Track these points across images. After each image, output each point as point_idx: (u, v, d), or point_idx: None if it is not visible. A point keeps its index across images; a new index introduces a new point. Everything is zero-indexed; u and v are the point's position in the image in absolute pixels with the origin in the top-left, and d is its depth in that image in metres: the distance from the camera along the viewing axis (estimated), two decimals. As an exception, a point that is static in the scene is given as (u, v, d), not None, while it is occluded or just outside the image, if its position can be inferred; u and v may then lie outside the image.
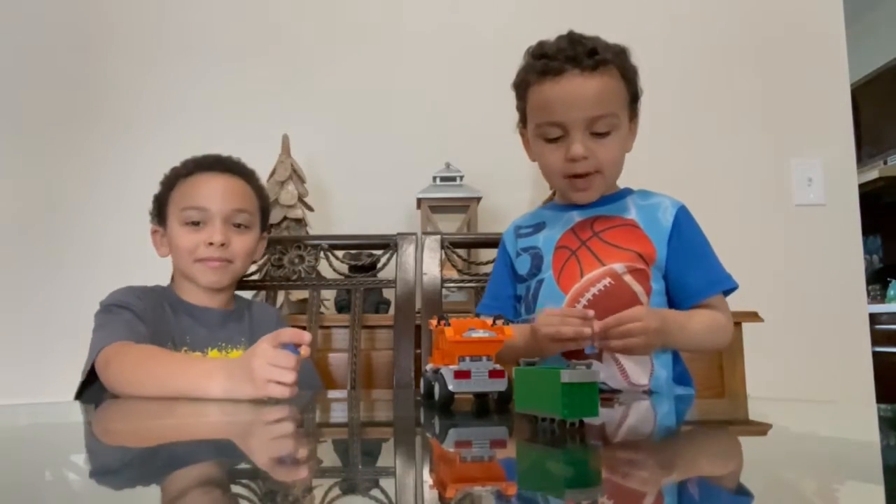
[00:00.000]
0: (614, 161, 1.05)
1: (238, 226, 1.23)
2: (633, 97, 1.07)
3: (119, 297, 1.17)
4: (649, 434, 0.68)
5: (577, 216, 1.09)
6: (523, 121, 1.11)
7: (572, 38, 1.03)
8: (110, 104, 2.02)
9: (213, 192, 1.22)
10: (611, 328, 0.92)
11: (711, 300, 1.05)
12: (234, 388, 0.89)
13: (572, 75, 1.00)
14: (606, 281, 1.02)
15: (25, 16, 2.05)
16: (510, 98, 2.09)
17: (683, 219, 1.07)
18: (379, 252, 1.59)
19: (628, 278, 1.02)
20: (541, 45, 1.06)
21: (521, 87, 1.08)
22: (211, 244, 1.19)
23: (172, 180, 1.26)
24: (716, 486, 0.44)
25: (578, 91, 0.99)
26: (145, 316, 1.15)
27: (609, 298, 1.01)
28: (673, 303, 1.07)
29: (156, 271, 1.57)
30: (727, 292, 1.07)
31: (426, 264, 1.56)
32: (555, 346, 0.95)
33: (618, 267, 1.02)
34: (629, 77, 1.05)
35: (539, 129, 1.04)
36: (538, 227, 1.13)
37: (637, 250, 1.03)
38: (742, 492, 0.42)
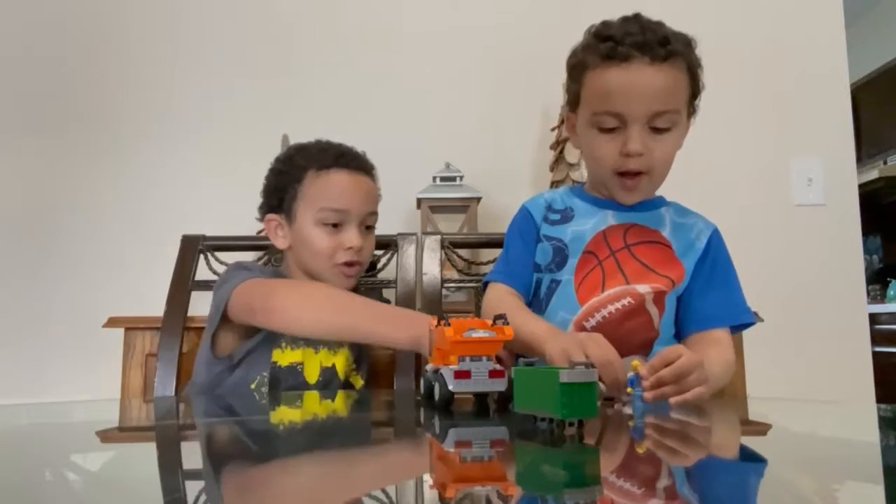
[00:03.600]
0: (667, 160, 0.98)
1: (368, 227, 1.22)
2: (695, 93, 1.01)
3: (256, 266, 1.20)
4: (648, 434, 0.68)
5: (611, 217, 1.03)
6: (572, 103, 1.03)
7: (642, 23, 0.95)
8: (109, 104, 2.02)
9: (354, 194, 1.18)
10: (666, 379, 0.77)
11: (718, 333, 1.00)
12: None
13: (641, 64, 0.92)
14: (626, 300, 0.98)
15: (21, 16, 2.05)
16: (510, 98, 2.09)
17: (715, 243, 1.03)
18: (379, 252, 1.59)
19: (648, 300, 0.98)
20: (606, 25, 0.97)
21: (578, 68, 0.99)
22: (349, 248, 1.17)
23: (299, 171, 1.18)
24: (716, 485, 0.44)
25: (645, 82, 0.92)
26: None
27: (624, 318, 0.97)
28: (679, 324, 1.03)
29: (155, 272, 1.57)
30: (740, 327, 1.02)
31: (426, 264, 1.56)
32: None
33: (642, 289, 0.98)
34: (694, 72, 0.99)
35: (595, 118, 0.96)
36: (566, 215, 1.06)
37: (669, 275, 0.99)
38: (742, 491, 0.42)
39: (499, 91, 1.99)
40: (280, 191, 1.20)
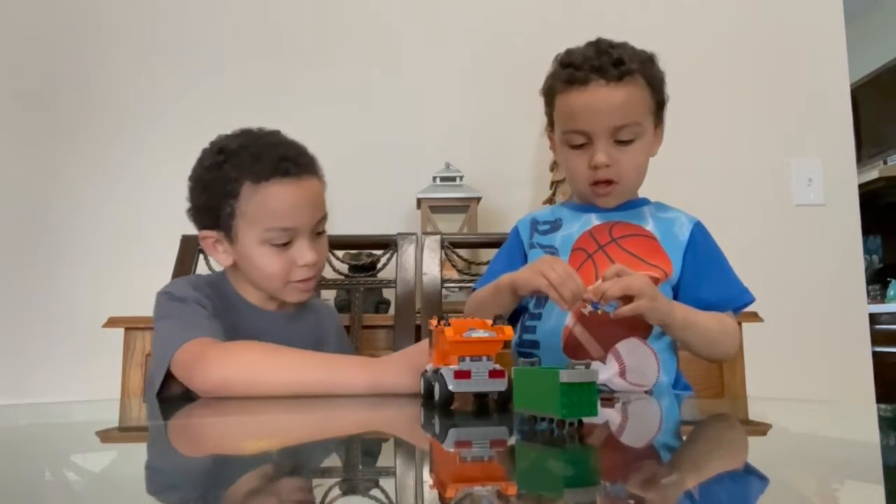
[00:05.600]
0: (636, 168, 1.06)
1: (319, 233, 1.10)
2: (659, 104, 1.07)
3: (191, 293, 1.04)
4: (648, 434, 0.68)
5: (594, 218, 1.10)
6: (551, 124, 1.12)
7: (599, 48, 1.04)
8: (109, 104, 2.02)
9: (301, 207, 1.05)
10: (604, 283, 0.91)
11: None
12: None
13: (597, 86, 1.01)
14: None
15: (14, 15, 2.04)
16: (510, 98, 2.09)
17: (699, 234, 1.08)
18: (379, 252, 1.59)
19: None
20: (568, 53, 1.07)
21: (549, 93, 1.09)
22: (303, 266, 1.06)
23: (233, 185, 1.03)
24: (715, 485, 0.44)
25: (603, 101, 1.01)
26: (216, 317, 1.04)
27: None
28: None
29: (155, 272, 1.57)
30: (743, 307, 1.07)
31: (426, 264, 1.56)
32: (540, 282, 0.93)
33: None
34: (655, 85, 1.06)
35: (565, 137, 1.06)
36: (555, 225, 1.13)
37: (659, 265, 1.03)
38: (742, 492, 0.42)
39: (499, 91, 1.99)
40: (214, 208, 1.05)
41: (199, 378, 0.92)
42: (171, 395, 0.98)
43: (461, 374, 0.72)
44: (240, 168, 1.03)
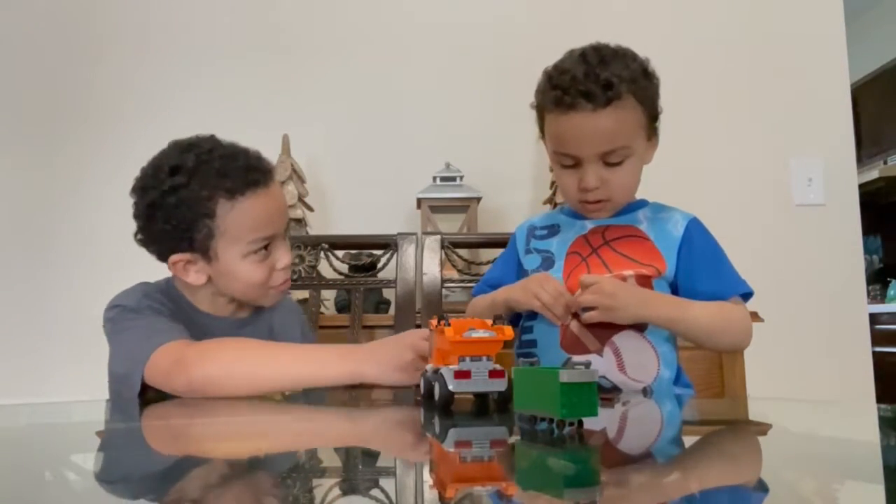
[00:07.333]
0: (627, 186, 1.06)
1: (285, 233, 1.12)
2: (653, 117, 1.06)
3: (144, 301, 1.04)
4: (648, 434, 0.68)
5: (589, 224, 1.11)
6: (542, 132, 1.12)
7: (588, 66, 1.00)
8: (108, 104, 2.02)
9: (277, 214, 1.07)
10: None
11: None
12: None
13: (585, 112, 0.98)
14: None
15: (12, 9, 2.04)
16: (510, 98, 2.09)
17: (694, 230, 1.07)
18: (379, 252, 1.59)
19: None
20: (557, 70, 1.04)
21: (539, 108, 1.09)
22: (283, 269, 1.07)
23: (207, 204, 1.00)
24: (715, 485, 0.44)
25: (590, 127, 0.99)
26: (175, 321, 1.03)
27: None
28: None
29: (155, 273, 1.56)
30: (742, 297, 1.06)
31: (426, 264, 1.56)
32: (534, 304, 1.00)
33: (626, 272, 1.03)
34: (647, 102, 1.03)
35: (555, 156, 1.06)
36: (552, 230, 1.14)
37: (652, 264, 1.04)
38: (743, 492, 0.42)
39: (499, 91, 1.99)
40: (187, 230, 1.01)
41: (180, 380, 0.92)
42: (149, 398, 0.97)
43: (461, 374, 0.72)
44: (210, 185, 1.00)
